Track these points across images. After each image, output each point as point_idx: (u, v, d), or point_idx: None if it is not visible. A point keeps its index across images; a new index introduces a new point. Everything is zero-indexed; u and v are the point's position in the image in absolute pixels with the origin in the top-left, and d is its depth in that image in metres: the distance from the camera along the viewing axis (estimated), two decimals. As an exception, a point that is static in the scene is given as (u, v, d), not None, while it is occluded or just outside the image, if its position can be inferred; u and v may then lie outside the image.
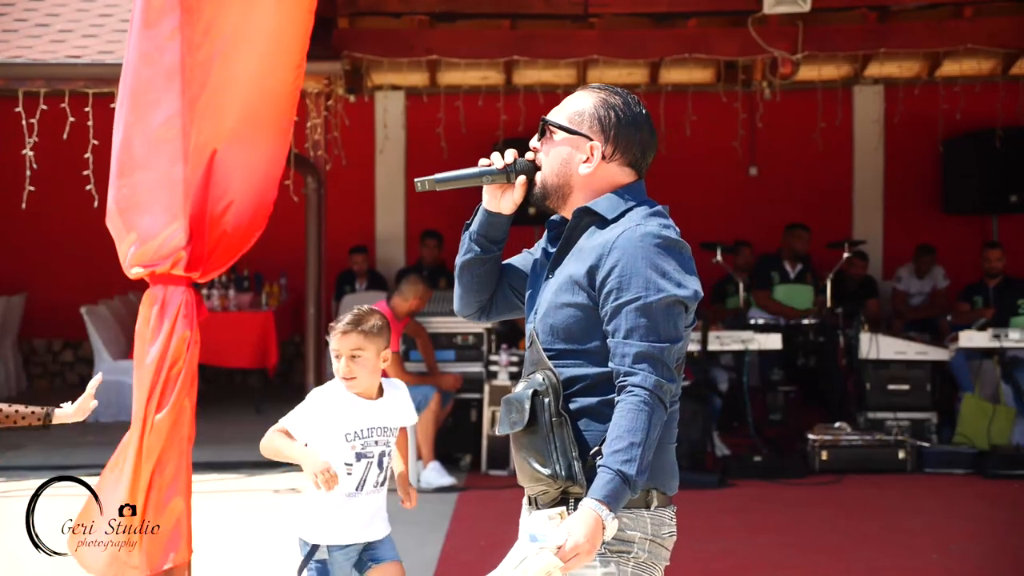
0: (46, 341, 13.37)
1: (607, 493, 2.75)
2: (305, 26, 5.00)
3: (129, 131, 4.63)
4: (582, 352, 2.94)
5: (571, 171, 3.04)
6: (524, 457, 2.93)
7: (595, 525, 2.72)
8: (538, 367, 2.96)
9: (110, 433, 9.61)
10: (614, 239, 2.91)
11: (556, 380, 2.91)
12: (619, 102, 3.06)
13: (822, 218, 12.62)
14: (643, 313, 2.86)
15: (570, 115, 3.06)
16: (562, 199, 3.06)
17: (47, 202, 10.43)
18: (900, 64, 10.96)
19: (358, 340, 4.30)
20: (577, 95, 3.10)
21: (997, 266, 10.85)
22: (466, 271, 3.17)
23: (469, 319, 3.27)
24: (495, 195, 3.10)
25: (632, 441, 2.78)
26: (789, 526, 7.60)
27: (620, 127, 3.04)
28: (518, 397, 2.93)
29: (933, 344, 9.85)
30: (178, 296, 4.61)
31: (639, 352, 2.85)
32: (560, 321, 2.95)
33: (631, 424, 2.80)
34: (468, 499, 8.18)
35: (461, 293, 3.21)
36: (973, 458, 8.91)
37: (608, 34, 10.05)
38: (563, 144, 3.05)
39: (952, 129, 11.93)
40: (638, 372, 2.84)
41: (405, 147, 13.07)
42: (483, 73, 10.81)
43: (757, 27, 9.67)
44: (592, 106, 3.05)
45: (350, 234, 12.66)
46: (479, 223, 3.14)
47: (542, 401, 2.89)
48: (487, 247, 3.14)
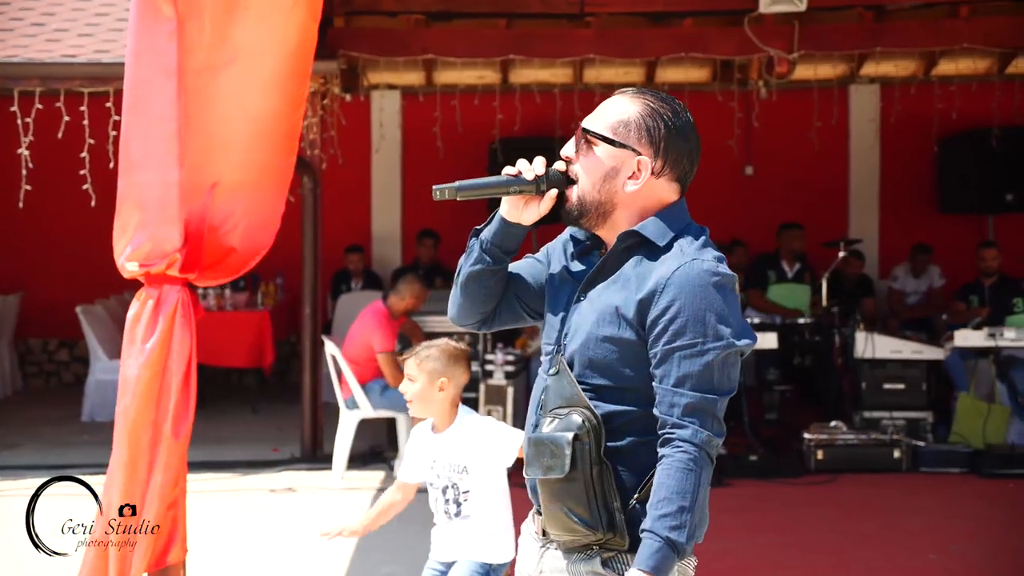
0: (42, 340, 13.37)
1: (655, 564, 2.54)
2: (313, 35, 5.00)
3: (128, 130, 4.64)
4: (621, 390, 2.69)
5: (615, 188, 2.75)
6: (559, 506, 2.66)
7: None
8: (573, 404, 2.68)
9: (105, 432, 9.60)
10: (669, 275, 2.64)
11: (597, 422, 2.65)
12: (667, 110, 2.78)
13: (818, 217, 12.63)
14: (698, 362, 2.61)
15: (613, 124, 2.76)
16: (602, 218, 2.77)
17: (43, 201, 10.42)
18: (896, 63, 10.96)
19: (411, 366, 4.50)
20: (619, 100, 2.81)
21: (993, 265, 10.86)
22: (473, 282, 2.87)
23: (466, 328, 3.02)
24: (517, 205, 2.81)
25: (682, 505, 2.56)
26: (786, 525, 7.60)
27: (670, 139, 2.77)
28: (555, 440, 2.65)
29: (929, 343, 9.86)
30: (174, 295, 4.60)
31: (691, 404, 2.61)
32: (601, 355, 2.70)
33: (680, 485, 2.57)
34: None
35: (464, 303, 2.92)
36: (968, 457, 8.92)
37: (604, 33, 10.05)
38: (606, 157, 2.76)
39: (948, 128, 11.94)
40: (688, 426, 2.60)
41: (401, 146, 13.07)
42: (479, 72, 10.81)
43: (753, 26, 9.67)
44: (639, 115, 2.76)
45: (346, 233, 12.66)
46: (494, 232, 2.84)
47: (583, 447, 2.62)
48: (500, 258, 2.85)
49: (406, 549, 7.02)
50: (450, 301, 2.96)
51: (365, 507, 7.99)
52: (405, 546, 7.08)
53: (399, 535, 7.32)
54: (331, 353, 8.77)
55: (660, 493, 2.57)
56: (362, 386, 8.58)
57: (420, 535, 7.21)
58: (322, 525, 4.68)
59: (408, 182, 13.15)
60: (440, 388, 4.46)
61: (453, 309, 2.95)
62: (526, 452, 2.73)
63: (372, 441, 9.38)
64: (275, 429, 10.50)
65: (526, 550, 2.89)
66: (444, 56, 10.07)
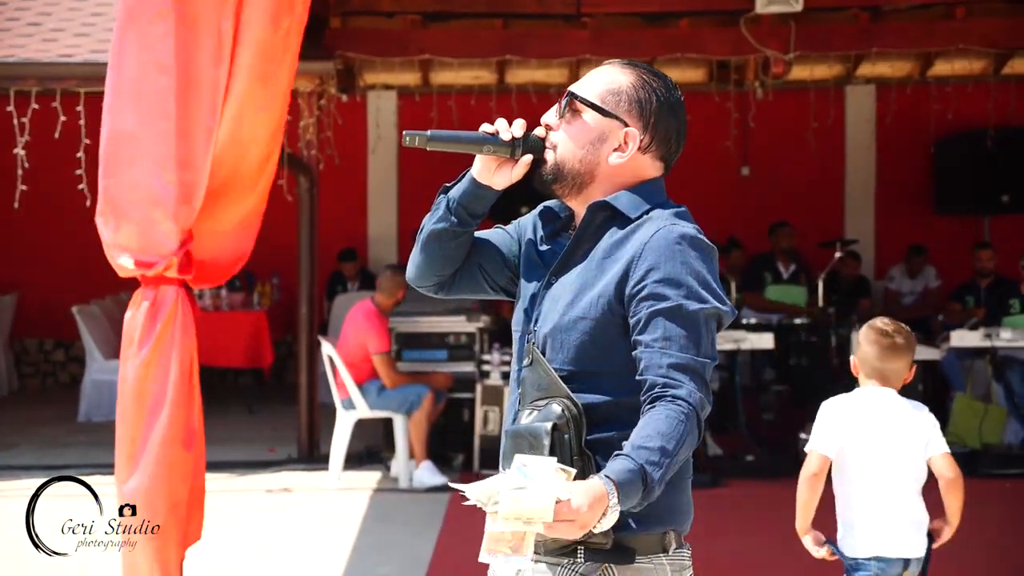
0: (38, 341, 13.35)
1: (623, 480, 2.34)
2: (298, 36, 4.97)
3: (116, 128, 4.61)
4: (600, 375, 2.55)
5: (598, 159, 2.63)
6: None
7: (599, 503, 2.31)
8: (550, 394, 2.54)
9: (101, 433, 9.61)
10: (646, 240, 2.54)
11: (577, 411, 2.50)
12: (660, 84, 2.66)
13: (814, 218, 12.64)
14: (684, 323, 2.49)
15: (603, 92, 2.64)
16: (577, 188, 2.65)
17: (39, 201, 10.41)
18: (892, 64, 10.98)
19: None
20: (611, 70, 2.68)
21: (988, 266, 10.88)
22: (435, 240, 2.73)
23: (423, 291, 2.85)
24: (489, 166, 2.68)
25: (664, 446, 2.39)
26: (782, 526, 7.57)
27: (661, 114, 2.64)
28: (532, 431, 2.49)
29: (925, 344, 9.86)
30: (171, 295, 4.60)
31: (680, 363, 2.47)
32: (575, 338, 2.56)
33: (668, 429, 2.40)
34: (460, 499, 8.12)
35: (422, 262, 2.77)
36: (965, 458, 8.84)
37: (600, 34, 10.05)
38: (592, 126, 2.64)
39: (944, 129, 11.96)
40: (682, 384, 2.45)
41: (397, 147, 13.06)
42: (475, 73, 10.81)
43: (749, 27, 9.68)
44: (631, 85, 2.65)
45: (342, 234, 12.65)
46: (462, 192, 2.70)
47: (562, 437, 2.47)
48: (465, 220, 2.71)
49: (402, 549, 7.03)
50: (410, 260, 2.82)
51: (361, 507, 7.99)
52: (401, 546, 7.09)
53: (394, 535, 7.33)
54: (327, 354, 8.76)
55: (645, 431, 2.41)
56: (359, 387, 8.57)
57: (416, 536, 7.22)
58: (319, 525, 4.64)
59: (404, 182, 13.15)
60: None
61: (411, 268, 2.82)
62: (504, 447, 2.58)
63: (369, 442, 9.37)
64: (271, 430, 10.49)
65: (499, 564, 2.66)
66: (440, 56, 10.07)
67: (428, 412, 8.58)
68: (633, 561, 2.57)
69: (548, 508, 2.27)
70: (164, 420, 4.59)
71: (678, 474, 2.56)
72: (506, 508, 2.29)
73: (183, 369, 4.61)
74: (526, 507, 2.28)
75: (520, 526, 2.29)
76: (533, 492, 2.29)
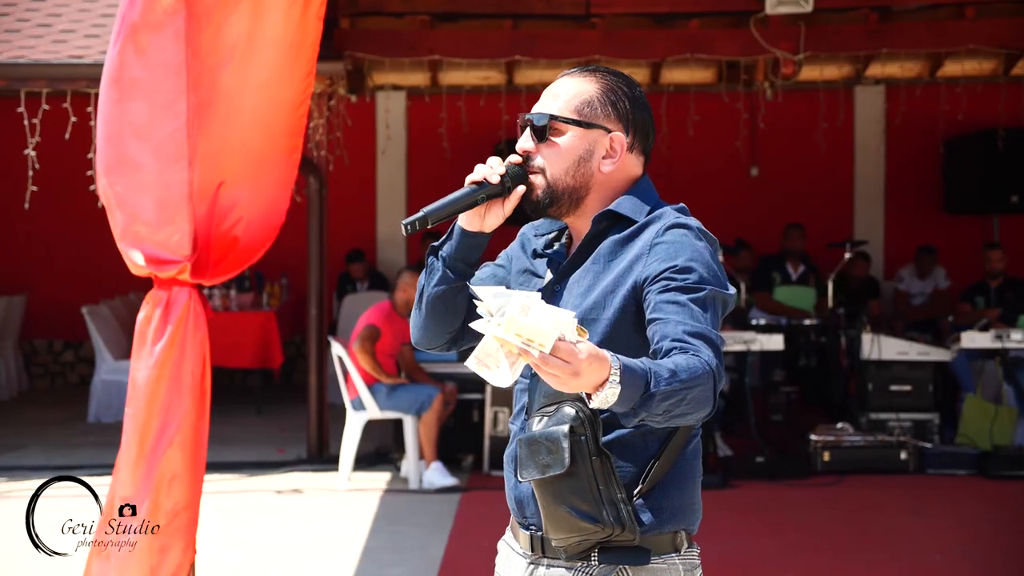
0: (47, 341, 13.37)
1: (629, 367, 2.25)
2: (315, 34, 4.98)
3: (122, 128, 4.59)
4: None
5: (590, 171, 2.66)
6: (561, 505, 2.48)
7: (600, 366, 2.21)
8: (560, 398, 2.51)
9: (111, 433, 9.62)
10: (653, 238, 2.56)
11: (591, 412, 2.47)
12: (623, 83, 2.71)
13: (823, 218, 12.63)
14: (696, 301, 2.47)
15: (577, 106, 2.67)
16: (575, 204, 2.67)
17: (49, 202, 10.42)
18: (902, 64, 10.95)
19: None
20: (572, 82, 2.70)
21: (998, 267, 10.85)
22: (439, 301, 2.71)
23: (435, 351, 2.82)
24: (478, 213, 2.66)
25: (675, 371, 2.31)
26: (792, 527, 7.59)
27: (635, 111, 2.70)
28: (549, 436, 2.48)
29: (935, 345, 9.85)
30: (183, 297, 4.59)
31: (697, 331, 2.42)
32: (591, 340, 2.42)
33: (687, 366, 2.33)
34: (471, 500, 8.17)
35: (430, 325, 2.75)
36: (975, 459, 8.90)
37: (610, 34, 10.05)
38: (577, 141, 2.66)
39: (953, 129, 11.94)
40: (700, 349, 2.39)
41: (406, 147, 13.07)
42: (485, 73, 10.80)
43: (759, 27, 9.67)
44: (600, 92, 2.69)
45: (351, 234, 12.66)
46: (455, 247, 2.69)
47: (579, 439, 2.46)
48: (465, 272, 2.70)
49: (413, 551, 7.02)
50: (413, 325, 2.80)
51: (371, 509, 7.99)
52: (412, 548, 7.08)
53: (404, 537, 7.32)
54: (338, 355, 8.76)
55: (664, 363, 2.33)
56: (369, 387, 8.57)
57: (427, 537, 7.22)
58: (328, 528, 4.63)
59: (413, 183, 13.15)
60: None
61: (418, 333, 2.79)
62: (519, 455, 2.54)
63: (379, 442, 9.38)
64: (280, 430, 10.50)
65: (509, 569, 2.72)
66: (450, 57, 10.06)
67: (439, 413, 8.58)
68: (648, 562, 2.58)
69: (550, 336, 2.16)
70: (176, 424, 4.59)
71: (688, 473, 2.60)
72: (509, 320, 2.19)
73: (195, 372, 4.61)
74: (530, 325, 2.17)
75: (517, 343, 2.18)
76: (542, 314, 2.19)
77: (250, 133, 4.81)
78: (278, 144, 4.97)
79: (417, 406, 8.54)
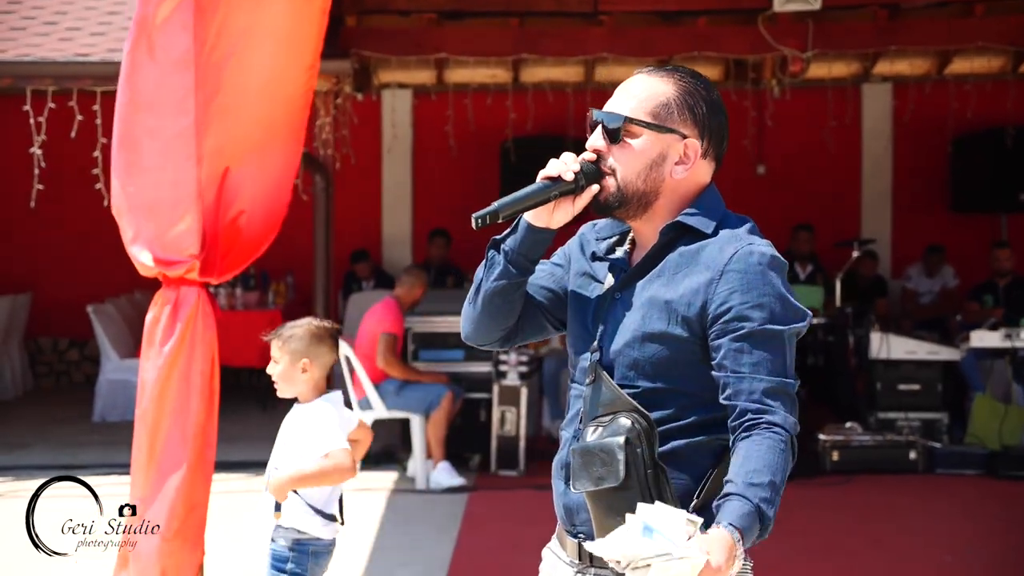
0: (52, 340, 13.34)
1: (745, 525, 2.33)
2: (319, 27, 4.96)
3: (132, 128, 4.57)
4: (673, 392, 2.53)
5: (662, 175, 2.59)
6: (614, 516, 2.41)
7: (730, 553, 2.29)
8: (614, 408, 2.49)
9: (116, 433, 9.60)
10: (726, 261, 2.50)
11: (647, 423, 2.46)
12: (701, 87, 2.63)
13: (830, 217, 12.59)
14: (771, 345, 2.47)
15: (654, 108, 2.59)
16: (643, 208, 2.60)
17: (55, 201, 10.39)
18: (910, 62, 10.91)
19: (274, 347, 4.33)
20: (650, 82, 2.63)
21: (1007, 265, 10.82)
22: (498, 297, 2.65)
23: (487, 347, 2.80)
24: (547, 208, 2.60)
25: (773, 480, 2.38)
26: (800, 526, 7.55)
27: (711, 117, 2.62)
28: (604, 447, 2.44)
29: (943, 344, 9.81)
30: (192, 296, 4.56)
31: (771, 388, 2.45)
32: (648, 355, 2.52)
33: (773, 461, 2.39)
34: (478, 500, 8.13)
35: (484, 320, 2.70)
36: (984, 459, 8.86)
37: (617, 32, 10.01)
38: (651, 144, 2.59)
39: (962, 127, 11.89)
40: (775, 411, 2.44)
41: (412, 146, 13.04)
42: (491, 71, 10.76)
43: (767, 25, 9.63)
44: (678, 95, 2.60)
45: (357, 233, 12.63)
46: (520, 241, 2.62)
47: (634, 451, 2.43)
48: (526, 268, 2.64)
49: (422, 551, 6.99)
50: (465, 319, 2.74)
51: (379, 509, 7.96)
52: (420, 548, 7.05)
53: (413, 537, 7.29)
54: (344, 354, 8.72)
55: (751, 464, 2.38)
56: (376, 386, 8.53)
57: (436, 537, 7.19)
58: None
59: (419, 181, 13.11)
60: (303, 369, 4.32)
61: (470, 327, 2.74)
62: (572, 465, 2.50)
63: (385, 441, 9.34)
64: (286, 429, 10.45)
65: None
66: (456, 55, 10.03)
67: (447, 412, 8.54)
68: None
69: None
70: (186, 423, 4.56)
71: None
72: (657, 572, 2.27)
73: (204, 372, 4.58)
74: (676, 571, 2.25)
75: None
76: (683, 564, 2.25)
77: (252, 124, 4.78)
78: (279, 135, 4.94)
79: (426, 405, 8.50)
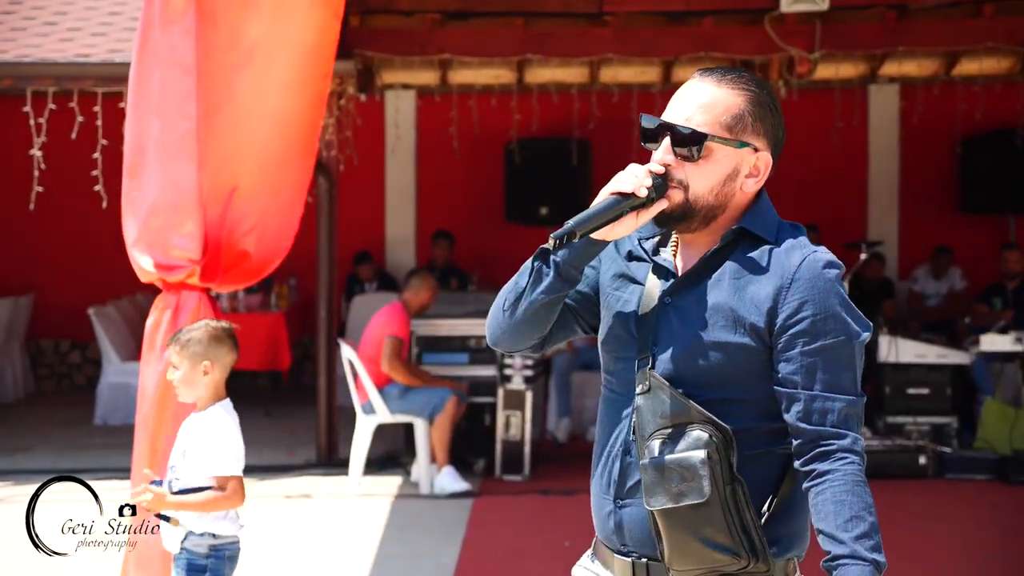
0: (53, 342, 13.28)
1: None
2: (334, 33, 4.90)
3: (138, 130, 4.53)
4: (732, 402, 2.43)
5: (734, 189, 2.50)
6: (692, 534, 2.36)
7: None
8: (680, 420, 2.40)
9: (118, 436, 9.54)
10: (794, 269, 2.43)
11: (725, 436, 2.38)
12: (766, 95, 2.52)
13: (837, 218, 12.51)
14: (843, 362, 2.41)
15: (729, 122, 2.48)
16: (707, 221, 2.50)
17: (55, 202, 10.34)
18: (918, 63, 10.84)
19: (173, 353, 4.25)
20: (719, 92, 2.51)
21: (1015, 267, 10.75)
22: (543, 309, 2.53)
23: (515, 352, 2.72)
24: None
25: (873, 522, 2.36)
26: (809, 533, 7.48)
27: (778, 128, 2.54)
28: (683, 463, 2.36)
29: (951, 346, 9.72)
30: (192, 301, 4.50)
31: (844, 409, 2.40)
32: (710, 364, 2.42)
33: (864, 501, 2.37)
34: (483, 505, 8.05)
35: (522, 330, 2.58)
36: (995, 463, 8.78)
37: (623, 33, 9.94)
38: (725, 159, 2.48)
39: (970, 128, 11.81)
40: (846, 435, 2.40)
41: (416, 147, 12.96)
42: (495, 72, 10.70)
43: (774, 25, 9.56)
44: (750, 106, 2.50)
45: (360, 235, 12.55)
46: (576, 254, 2.48)
47: (715, 466, 2.35)
48: (575, 279, 2.52)
49: (426, 557, 6.92)
50: (496, 327, 2.63)
51: (383, 514, 7.89)
52: (425, 554, 6.98)
53: (417, 543, 7.22)
54: (348, 357, 8.64)
55: (846, 512, 2.36)
56: (379, 390, 8.45)
57: (441, 543, 7.11)
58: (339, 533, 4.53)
59: (423, 183, 13.03)
60: (204, 371, 4.26)
61: (501, 336, 2.63)
62: (644, 481, 2.40)
63: (389, 446, 9.27)
64: (289, 433, 10.39)
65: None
66: (460, 56, 9.96)
67: (452, 416, 8.46)
68: None
69: None
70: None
71: (802, 498, 2.47)
72: None
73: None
74: None
75: None
76: None
77: (269, 137, 4.72)
78: (295, 148, 4.89)
79: (430, 409, 8.42)
